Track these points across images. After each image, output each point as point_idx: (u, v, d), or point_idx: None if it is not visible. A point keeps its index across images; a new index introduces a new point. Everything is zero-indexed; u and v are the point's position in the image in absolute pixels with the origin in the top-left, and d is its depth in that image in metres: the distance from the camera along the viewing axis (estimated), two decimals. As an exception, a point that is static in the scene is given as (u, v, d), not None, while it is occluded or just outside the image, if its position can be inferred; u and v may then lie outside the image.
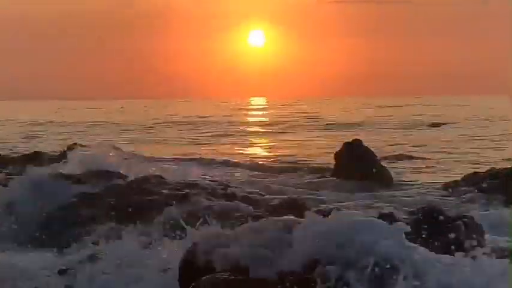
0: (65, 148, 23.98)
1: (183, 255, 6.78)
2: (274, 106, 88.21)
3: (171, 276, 6.92)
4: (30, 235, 10.90)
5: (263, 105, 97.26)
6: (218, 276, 6.18)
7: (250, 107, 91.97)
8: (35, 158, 21.59)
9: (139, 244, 8.93)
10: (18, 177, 12.83)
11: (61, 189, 11.96)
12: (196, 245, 6.70)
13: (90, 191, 11.86)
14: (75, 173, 13.38)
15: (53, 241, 10.48)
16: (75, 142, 25.25)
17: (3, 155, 21.48)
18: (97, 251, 8.27)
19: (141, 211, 10.67)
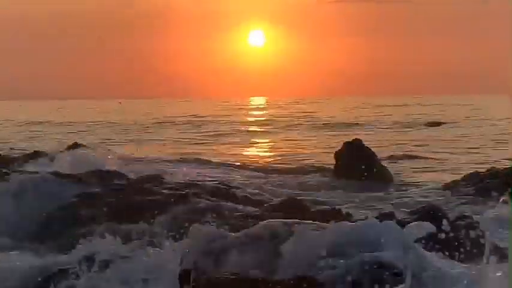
0: (65, 148, 24.02)
1: (183, 255, 6.78)
2: (274, 106, 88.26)
3: (171, 276, 6.92)
4: (30, 235, 10.90)
5: (263, 105, 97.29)
6: (218, 276, 6.18)
7: (250, 106, 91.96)
8: (35, 157, 21.60)
9: (139, 244, 8.94)
10: (18, 176, 12.81)
11: (61, 189, 11.95)
12: (196, 245, 6.71)
13: (90, 191, 11.85)
14: (75, 173, 13.37)
15: (53, 241, 10.48)
16: (75, 142, 25.27)
17: (3, 154, 21.45)
18: (97, 251, 8.25)
19: (141, 211, 10.67)
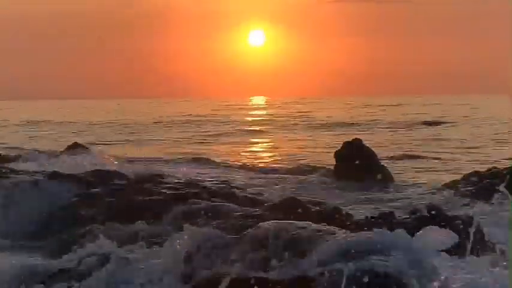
0: (64, 148, 24.02)
1: (183, 255, 6.77)
2: (274, 105, 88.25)
3: (172, 276, 6.92)
4: (30, 235, 10.90)
5: (263, 105, 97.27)
6: (218, 276, 6.18)
7: (250, 106, 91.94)
8: (35, 157, 21.59)
9: (139, 244, 8.93)
10: (18, 177, 12.81)
11: (61, 189, 11.95)
12: (196, 245, 6.71)
13: (90, 191, 11.85)
14: (75, 173, 13.37)
15: (53, 241, 10.48)
16: (75, 142, 25.26)
17: (4, 154, 21.45)
18: (97, 251, 8.24)
19: (141, 211, 10.66)
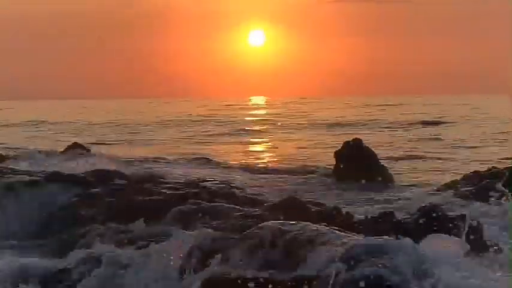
0: (64, 148, 24.01)
1: (183, 255, 6.78)
2: (274, 105, 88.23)
3: (172, 276, 6.91)
4: (30, 235, 10.90)
5: (263, 105, 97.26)
6: (218, 276, 6.19)
7: (250, 106, 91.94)
8: (35, 157, 21.59)
9: (139, 244, 8.93)
10: (18, 177, 12.81)
11: (61, 189, 11.94)
12: (196, 245, 6.71)
13: (90, 191, 11.84)
14: (75, 173, 13.37)
15: (53, 241, 10.48)
16: (75, 142, 25.26)
17: (4, 154, 21.46)
18: (97, 251, 8.25)
19: (141, 211, 10.66)
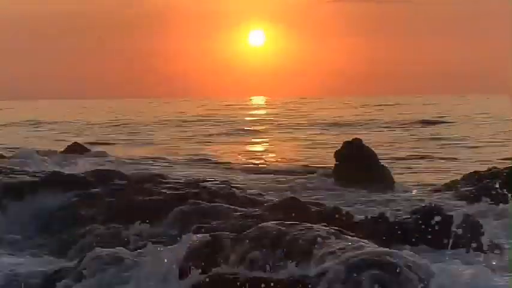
0: (64, 148, 24.06)
1: (183, 254, 6.78)
2: (274, 105, 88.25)
3: (172, 275, 6.92)
4: (30, 235, 10.90)
5: (263, 105, 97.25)
6: (217, 275, 6.19)
7: (250, 106, 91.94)
8: (35, 157, 21.60)
9: (139, 244, 8.93)
10: (18, 177, 12.81)
11: (61, 189, 11.93)
12: (196, 245, 6.72)
13: (90, 191, 11.84)
14: (75, 173, 13.37)
15: (53, 241, 10.48)
16: (75, 142, 25.31)
17: (4, 154, 21.48)
18: (96, 251, 8.23)
19: (141, 211, 10.66)
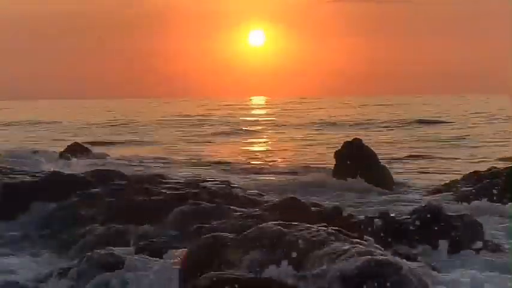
0: (64, 148, 24.05)
1: (183, 254, 6.78)
2: (274, 105, 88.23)
3: (172, 275, 6.92)
4: (30, 235, 10.90)
5: (263, 105, 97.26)
6: (217, 275, 6.19)
7: (250, 106, 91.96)
8: (35, 157, 21.62)
9: (139, 244, 8.93)
10: (18, 177, 12.82)
11: (61, 189, 11.93)
12: (196, 245, 6.72)
13: (90, 191, 11.84)
14: (75, 172, 13.37)
15: (53, 241, 10.48)
16: (75, 142, 25.30)
17: (3, 154, 21.48)
18: (96, 251, 8.24)
19: (141, 211, 10.66)
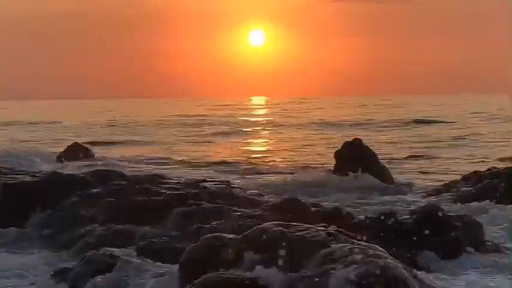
0: (64, 148, 24.03)
1: (183, 254, 6.78)
2: (274, 105, 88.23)
3: (171, 275, 6.92)
4: (31, 235, 10.90)
5: (263, 105, 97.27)
6: (216, 275, 6.19)
7: (250, 106, 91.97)
8: (35, 157, 21.62)
9: (139, 244, 8.94)
10: (18, 177, 12.81)
11: (61, 189, 11.93)
12: (196, 244, 6.72)
13: (90, 191, 11.84)
14: (75, 173, 13.37)
15: (53, 241, 10.49)
16: (75, 142, 25.28)
17: (3, 154, 21.48)
18: (96, 251, 8.24)
19: (141, 211, 10.66)
